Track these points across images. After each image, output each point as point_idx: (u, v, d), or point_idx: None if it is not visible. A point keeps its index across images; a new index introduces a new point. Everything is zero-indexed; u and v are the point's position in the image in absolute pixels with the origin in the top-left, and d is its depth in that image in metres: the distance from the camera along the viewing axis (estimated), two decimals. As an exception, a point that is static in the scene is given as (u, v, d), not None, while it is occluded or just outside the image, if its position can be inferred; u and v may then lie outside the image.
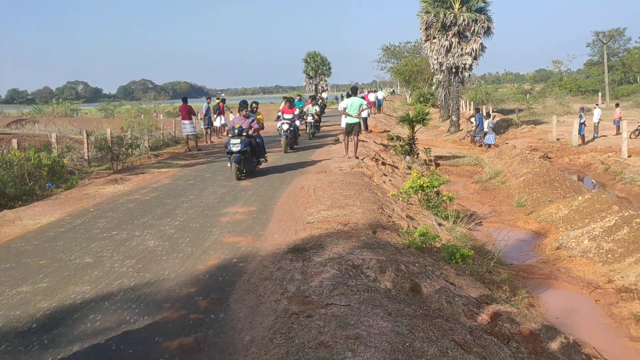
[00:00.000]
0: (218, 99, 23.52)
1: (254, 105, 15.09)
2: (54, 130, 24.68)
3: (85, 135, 17.07)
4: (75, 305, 4.95)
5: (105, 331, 4.39)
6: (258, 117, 15.40)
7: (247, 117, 12.28)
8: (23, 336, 4.37)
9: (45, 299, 5.14)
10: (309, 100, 22.83)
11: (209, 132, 22.30)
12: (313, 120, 21.12)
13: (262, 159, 12.78)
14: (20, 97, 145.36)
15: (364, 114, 20.32)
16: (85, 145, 16.70)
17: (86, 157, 16.50)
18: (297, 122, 17.77)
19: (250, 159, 12.11)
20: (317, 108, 21.76)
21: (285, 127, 16.36)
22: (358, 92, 14.86)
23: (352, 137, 14.03)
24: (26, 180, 11.41)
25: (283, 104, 18.32)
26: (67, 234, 7.60)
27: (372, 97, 29.04)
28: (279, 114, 16.88)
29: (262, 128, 14.12)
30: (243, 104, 12.83)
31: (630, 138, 20.39)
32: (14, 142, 15.05)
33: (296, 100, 22.69)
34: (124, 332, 4.35)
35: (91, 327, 4.47)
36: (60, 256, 6.53)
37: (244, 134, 11.78)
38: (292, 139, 17.41)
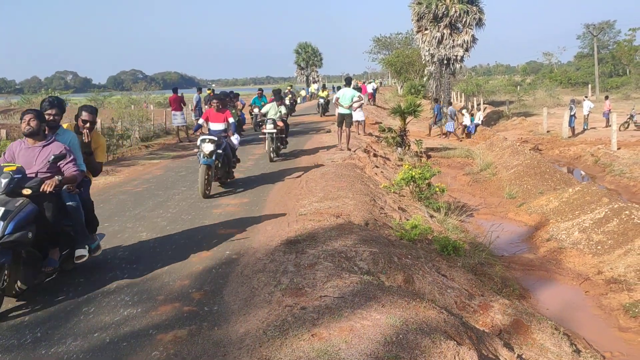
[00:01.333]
0: (209, 89, 23.37)
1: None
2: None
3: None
4: (67, 299, 4.93)
5: (99, 324, 4.38)
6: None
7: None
8: (16, 330, 4.35)
9: (38, 293, 5.11)
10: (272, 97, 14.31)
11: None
12: (275, 131, 12.93)
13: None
14: (8, 86, 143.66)
15: (360, 117, 18.72)
16: (75, 136, 16.57)
17: (76, 148, 16.37)
18: (235, 141, 10.41)
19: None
20: (282, 110, 13.55)
21: (208, 149, 9.16)
22: (352, 83, 14.85)
23: (344, 128, 14.02)
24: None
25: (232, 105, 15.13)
26: (59, 226, 7.54)
27: (369, 88, 28.89)
28: (201, 121, 10.38)
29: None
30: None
31: (620, 130, 20.57)
32: (3, 132, 14.95)
33: (256, 96, 20.23)
34: (117, 325, 4.34)
35: (84, 320, 4.46)
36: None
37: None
38: (224, 174, 9.99)
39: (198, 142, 9.40)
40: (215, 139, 9.25)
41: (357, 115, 18.40)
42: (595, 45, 58.06)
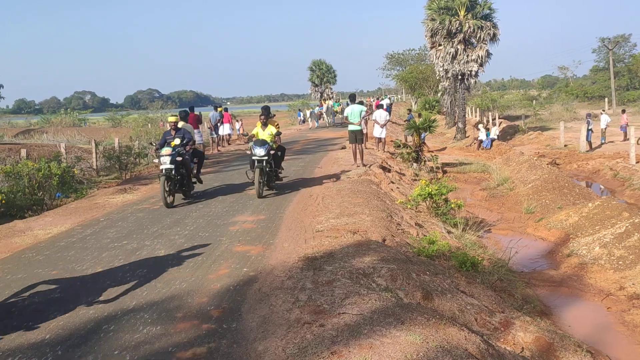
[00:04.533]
0: (221, 107, 23.59)
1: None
2: (62, 140, 24.85)
3: (93, 145, 17.19)
4: (88, 316, 4.96)
5: (119, 341, 4.39)
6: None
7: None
8: (36, 348, 4.38)
9: (58, 309, 5.15)
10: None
11: (215, 140, 22.38)
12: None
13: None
14: (27, 107, 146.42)
15: (382, 134, 18.30)
16: (94, 155, 16.81)
17: (95, 167, 16.60)
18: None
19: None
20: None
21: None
22: (356, 99, 14.96)
23: (358, 144, 14.06)
24: (36, 190, 11.47)
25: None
26: (78, 244, 7.63)
27: (384, 104, 28.75)
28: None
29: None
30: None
31: (638, 144, 20.30)
32: (23, 152, 15.20)
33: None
34: (137, 342, 4.35)
35: (104, 338, 4.48)
36: (72, 266, 6.56)
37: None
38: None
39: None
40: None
41: (378, 132, 18.42)
42: (611, 59, 57.67)
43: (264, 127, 10.83)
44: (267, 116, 10.86)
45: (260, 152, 10.19)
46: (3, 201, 10.84)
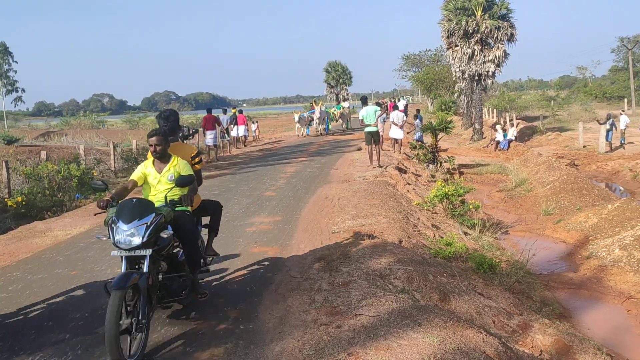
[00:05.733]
0: (235, 108, 23.77)
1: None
2: (81, 142, 25.15)
3: (111, 146, 17.38)
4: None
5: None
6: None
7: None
8: (57, 348, 4.44)
9: (77, 310, 5.22)
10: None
11: (226, 143, 22.50)
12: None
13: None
14: (47, 109, 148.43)
15: (399, 135, 18.52)
16: (112, 157, 17.00)
17: (113, 168, 16.78)
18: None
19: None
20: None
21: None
22: (368, 101, 15.03)
23: (374, 146, 14.04)
24: (56, 191, 11.64)
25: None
26: (98, 245, 7.71)
27: (401, 105, 28.54)
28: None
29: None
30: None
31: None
32: (43, 154, 15.43)
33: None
34: (154, 343, 4.39)
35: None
36: (91, 267, 6.64)
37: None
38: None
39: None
40: None
41: (395, 133, 18.37)
42: (630, 59, 56.78)
43: (159, 163, 5.06)
44: (164, 139, 4.95)
45: (129, 239, 4.26)
46: (24, 202, 11.03)
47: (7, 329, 4.81)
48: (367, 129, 13.88)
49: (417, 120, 22.06)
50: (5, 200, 11.41)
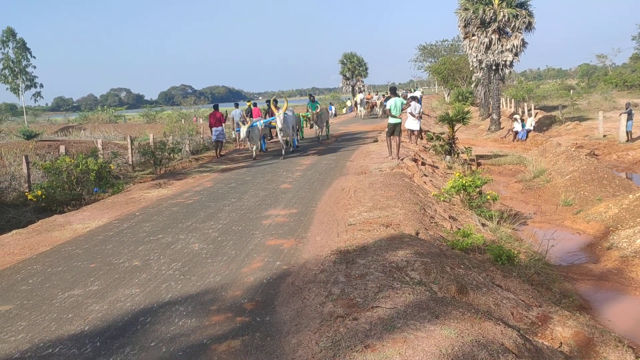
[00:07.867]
0: (249, 101, 23.74)
1: None
2: (99, 137, 25.43)
3: (129, 141, 17.52)
4: (125, 308, 5.06)
5: (155, 333, 4.47)
6: None
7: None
8: (76, 339, 4.49)
9: (96, 301, 5.28)
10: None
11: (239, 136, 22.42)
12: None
13: None
14: (66, 104, 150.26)
15: (415, 126, 18.41)
16: (129, 151, 17.14)
17: (130, 162, 16.93)
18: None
19: None
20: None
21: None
22: (397, 91, 14.81)
23: (394, 137, 13.98)
24: (74, 185, 11.77)
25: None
26: (115, 238, 7.79)
27: (417, 95, 28.37)
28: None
29: None
30: None
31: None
32: (62, 148, 15.61)
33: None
34: (173, 335, 4.42)
35: (141, 330, 4.56)
36: (110, 259, 6.70)
37: None
38: None
39: None
40: None
41: (412, 124, 18.22)
42: (652, 46, 55.67)
43: None
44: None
45: None
46: (43, 196, 11.18)
47: (29, 320, 4.88)
48: (391, 120, 13.83)
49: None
50: (26, 194, 11.59)
